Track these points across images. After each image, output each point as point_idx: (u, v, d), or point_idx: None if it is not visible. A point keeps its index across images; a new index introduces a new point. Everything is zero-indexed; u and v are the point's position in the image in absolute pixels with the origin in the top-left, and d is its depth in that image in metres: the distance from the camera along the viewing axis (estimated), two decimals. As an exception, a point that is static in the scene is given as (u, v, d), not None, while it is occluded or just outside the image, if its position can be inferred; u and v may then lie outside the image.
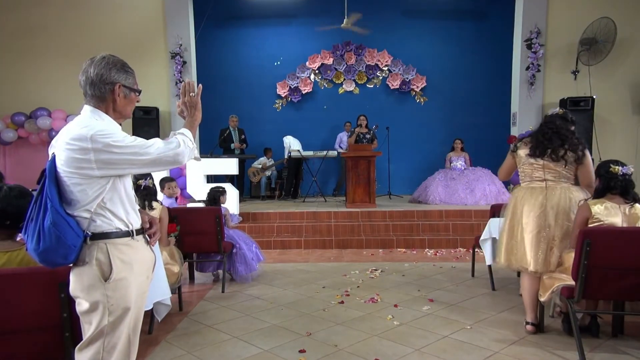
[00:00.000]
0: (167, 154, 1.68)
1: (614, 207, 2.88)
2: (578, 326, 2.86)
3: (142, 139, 1.69)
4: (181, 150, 1.72)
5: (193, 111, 1.88)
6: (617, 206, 2.88)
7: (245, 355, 2.95)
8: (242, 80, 10.08)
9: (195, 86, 1.90)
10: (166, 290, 3.24)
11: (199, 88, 1.90)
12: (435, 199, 7.82)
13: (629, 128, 8.79)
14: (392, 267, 5.27)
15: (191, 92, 1.88)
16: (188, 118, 1.88)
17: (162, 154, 1.68)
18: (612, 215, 2.86)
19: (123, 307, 1.67)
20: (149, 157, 1.66)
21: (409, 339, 3.16)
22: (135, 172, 1.71)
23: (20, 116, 8.49)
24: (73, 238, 1.59)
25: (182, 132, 1.78)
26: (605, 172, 2.91)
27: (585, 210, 2.90)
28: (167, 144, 1.70)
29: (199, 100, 1.89)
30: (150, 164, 1.67)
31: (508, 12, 9.16)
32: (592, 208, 2.88)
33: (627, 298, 2.92)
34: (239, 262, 4.67)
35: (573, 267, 2.81)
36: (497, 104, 9.74)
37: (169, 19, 8.94)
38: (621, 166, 2.86)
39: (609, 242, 2.73)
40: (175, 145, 1.71)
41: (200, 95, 1.90)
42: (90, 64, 1.73)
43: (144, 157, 1.65)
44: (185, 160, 1.74)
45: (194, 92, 1.89)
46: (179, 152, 1.71)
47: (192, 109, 1.88)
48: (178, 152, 1.71)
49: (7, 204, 2.02)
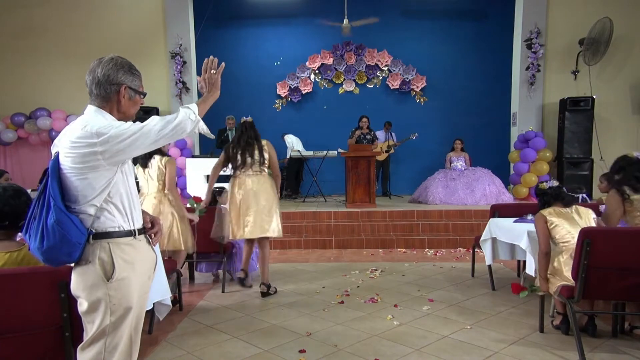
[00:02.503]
0: (167, 128, 1.68)
1: (564, 212, 3.17)
2: (578, 327, 2.86)
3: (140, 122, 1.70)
4: (180, 119, 1.71)
5: (212, 88, 1.88)
6: (567, 210, 3.19)
7: (245, 355, 2.95)
8: (242, 80, 10.06)
9: (217, 64, 1.90)
10: (166, 291, 3.23)
11: (222, 66, 1.91)
12: (435, 199, 7.82)
13: (629, 128, 8.80)
14: (392, 267, 5.27)
15: (212, 70, 1.89)
16: (205, 94, 1.88)
17: (162, 129, 1.68)
18: (564, 218, 3.13)
19: (125, 307, 1.67)
20: (150, 136, 1.66)
21: (409, 339, 3.16)
22: (140, 152, 1.72)
23: (20, 116, 8.48)
24: (77, 235, 1.60)
25: (188, 106, 1.78)
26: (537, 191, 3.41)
27: (541, 218, 3.17)
28: (163, 119, 1.70)
29: (219, 78, 1.89)
30: (153, 142, 1.69)
31: (508, 12, 9.17)
32: (546, 216, 3.15)
33: (627, 298, 2.93)
34: (239, 262, 4.66)
35: (573, 267, 2.83)
36: (497, 104, 9.74)
37: (169, 19, 8.95)
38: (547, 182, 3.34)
39: (608, 242, 2.74)
40: (172, 117, 1.71)
41: (220, 73, 1.90)
42: (98, 64, 1.74)
43: (145, 137, 1.66)
44: (189, 129, 1.73)
45: (215, 69, 1.89)
46: (179, 122, 1.70)
47: (211, 86, 1.88)
48: (177, 123, 1.70)
49: (4, 204, 2.02)
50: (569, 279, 2.91)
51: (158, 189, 4.01)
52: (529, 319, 3.44)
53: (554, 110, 8.71)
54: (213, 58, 1.89)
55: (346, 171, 7.54)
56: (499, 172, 8.31)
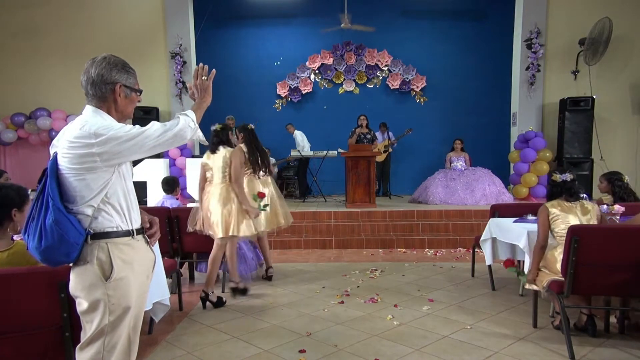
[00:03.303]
0: (166, 134, 1.69)
1: (569, 206, 3.21)
2: (567, 321, 2.92)
3: (140, 127, 1.69)
4: (181, 127, 1.72)
5: (203, 94, 1.90)
6: (571, 205, 3.21)
7: (245, 355, 2.95)
8: (242, 80, 10.07)
9: (208, 71, 1.93)
10: (165, 291, 3.23)
11: (212, 73, 1.93)
12: (435, 199, 7.81)
13: (629, 128, 8.80)
14: (392, 267, 5.27)
15: (203, 76, 1.91)
16: (197, 100, 1.90)
17: (162, 135, 1.68)
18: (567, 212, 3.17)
19: (124, 307, 1.67)
20: (149, 142, 1.67)
21: (409, 339, 3.16)
22: (138, 157, 1.72)
23: (20, 116, 8.49)
24: (75, 236, 1.60)
25: (186, 113, 1.79)
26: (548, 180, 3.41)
27: (544, 211, 3.22)
28: (164, 126, 1.71)
29: (210, 84, 1.92)
30: (152, 148, 1.69)
31: (508, 12, 9.17)
32: (549, 209, 3.20)
33: (615, 294, 2.98)
34: (239, 262, 4.65)
35: (562, 263, 2.89)
36: (497, 104, 9.74)
37: (169, 19, 8.95)
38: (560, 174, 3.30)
39: (596, 239, 2.80)
40: (173, 124, 1.72)
41: (212, 79, 1.93)
42: (92, 64, 1.74)
43: (144, 142, 1.66)
44: (188, 136, 1.75)
45: (206, 76, 1.92)
46: (179, 129, 1.71)
47: (202, 92, 1.91)
48: (177, 131, 1.71)
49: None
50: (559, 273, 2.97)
51: (222, 180, 4.01)
52: (529, 319, 3.44)
53: (554, 110, 8.71)
54: (203, 65, 1.92)
55: (346, 171, 7.54)
56: (499, 172, 8.31)
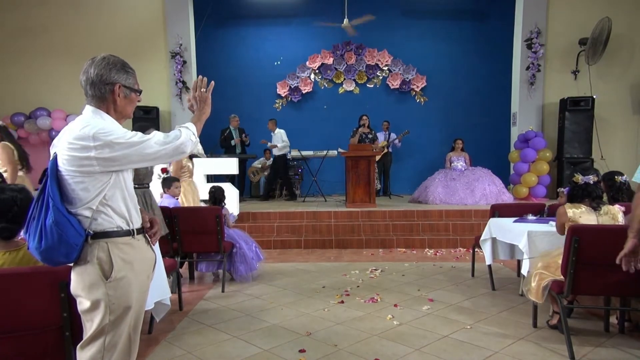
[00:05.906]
0: (167, 147, 1.69)
1: (588, 210, 3.15)
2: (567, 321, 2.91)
3: (142, 134, 1.70)
4: (182, 140, 1.72)
5: (202, 105, 1.91)
6: (590, 209, 3.15)
7: (245, 355, 2.95)
8: (242, 80, 10.08)
9: (207, 83, 1.94)
10: (166, 290, 3.23)
11: (211, 85, 1.94)
12: (435, 199, 7.82)
13: (629, 128, 8.80)
14: (392, 267, 5.27)
15: (202, 88, 1.92)
16: (197, 112, 1.91)
17: (162, 147, 1.69)
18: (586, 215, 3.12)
19: (124, 306, 1.67)
20: (149, 152, 1.67)
21: (409, 338, 3.16)
22: (136, 167, 1.72)
23: (20, 116, 8.50)
24: (75, 237, 1.60)
25: (186, 126, 1.79)
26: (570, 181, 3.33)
27: (563, 214, 3.17)
28: (166, 137, 1.71)
29: (209, 95, 1.93)
30: (151, 158, 1.69)
31: (508, 12, 9.17)
32: (567, 211, 3.15)
33: (614, 294, 2.98)
34: (239, 262, 4.66)
35: (562, 263, 2.89)
36: (497, 104, 9.74)
37: (169, 19, 8.94)
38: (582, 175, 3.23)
39: (596, 239, 2.80)
40: (175, 137, 1.72)
41: (211, 91, 1.93)
42: (91, 64, 1.73)
43: (144, 151, 1.66)
44: (189, 150, 1.75)
45: (205, 88, 1.93)
46: (180, 143, 1.72)
47: (202, 103, 1.91)
48: (178, 144, 1.71)
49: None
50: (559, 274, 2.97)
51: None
52: (529, 319, 3.43)
53: (554, 110, 8.71)
54: (202, 77, 1.93)
55: (346, 171, 7.54)
56: (499, 172, 8.31)
